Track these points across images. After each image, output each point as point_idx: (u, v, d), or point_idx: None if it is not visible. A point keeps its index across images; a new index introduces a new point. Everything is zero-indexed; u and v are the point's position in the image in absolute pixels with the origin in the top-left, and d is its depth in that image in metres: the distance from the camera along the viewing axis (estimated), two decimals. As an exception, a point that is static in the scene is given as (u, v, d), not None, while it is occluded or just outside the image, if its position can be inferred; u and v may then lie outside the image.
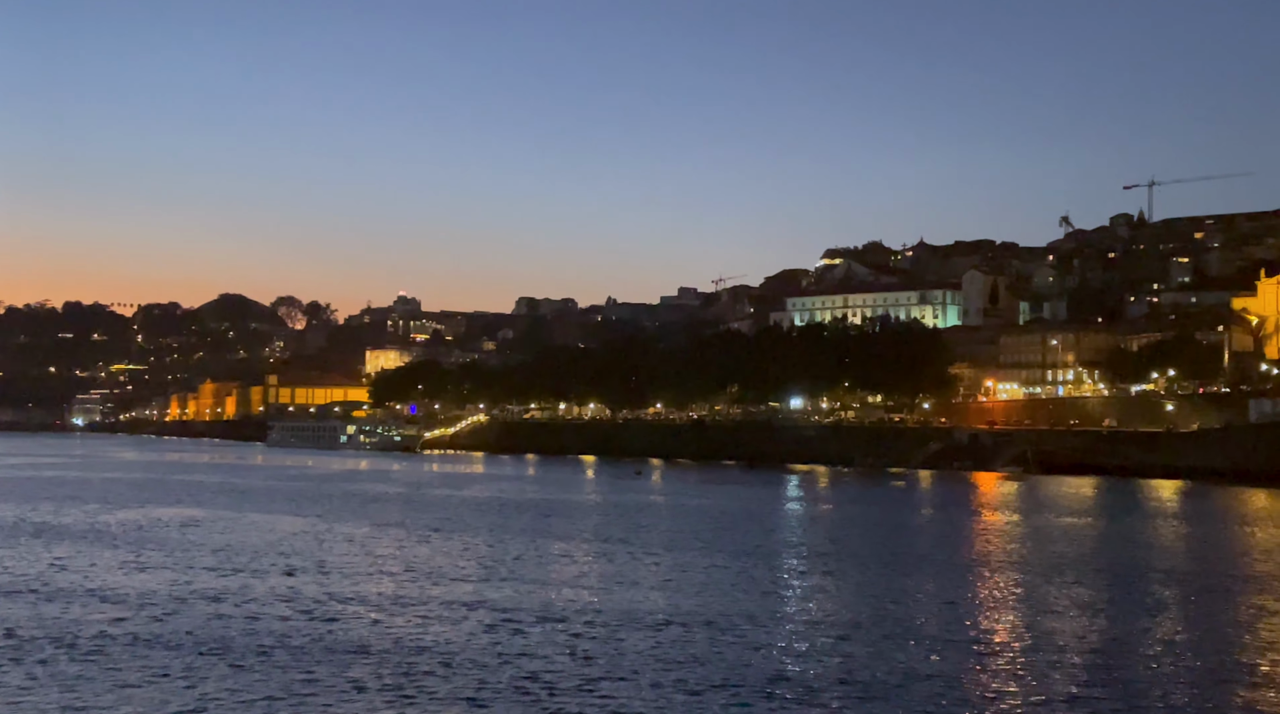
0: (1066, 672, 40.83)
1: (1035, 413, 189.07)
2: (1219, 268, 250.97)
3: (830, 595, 57.01)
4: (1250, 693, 38.32)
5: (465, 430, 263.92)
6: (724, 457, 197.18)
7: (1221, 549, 76.98)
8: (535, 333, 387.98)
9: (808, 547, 76.96)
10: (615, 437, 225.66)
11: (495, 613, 50.91)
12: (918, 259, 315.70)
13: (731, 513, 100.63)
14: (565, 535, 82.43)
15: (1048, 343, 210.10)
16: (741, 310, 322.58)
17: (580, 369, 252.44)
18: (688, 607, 52.84)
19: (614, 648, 43.95)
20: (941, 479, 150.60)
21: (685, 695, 37.26)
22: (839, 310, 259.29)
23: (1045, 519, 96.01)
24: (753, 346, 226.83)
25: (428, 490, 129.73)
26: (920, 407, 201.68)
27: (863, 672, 40.52)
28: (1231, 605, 54.88)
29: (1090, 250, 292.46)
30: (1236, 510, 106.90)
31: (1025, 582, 61.48)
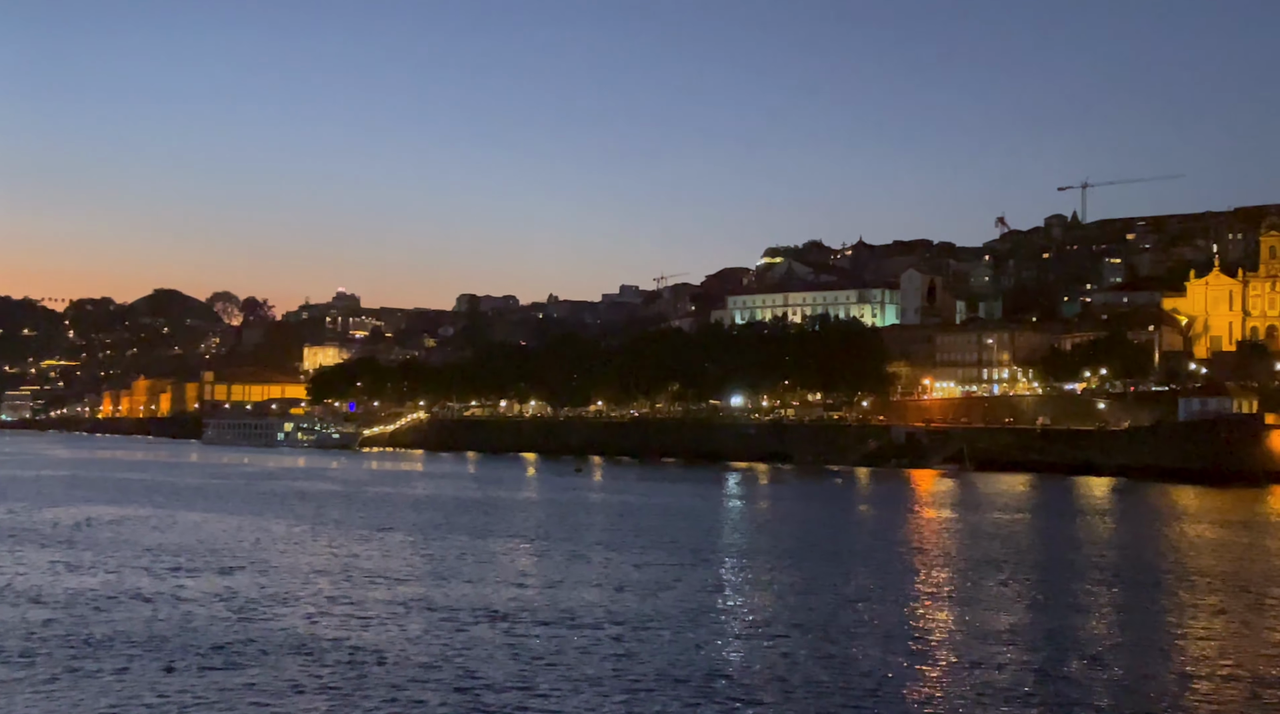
0: (1002, 667, 41.43)
1: (971, 411, 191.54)
2: (1150, 268, 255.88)
3: (770, 592, 57.37)
4: (1181, 687, 39.14)
5: (405, 428, 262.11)
6: (665, 454, 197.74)
7: (1152, 546, 78.50)
8: (476, 330, 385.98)
9: (748, 544, 77.38)
10: (556, 434, 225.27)
11: (435, 612, 50.64)
12: (857, 258, 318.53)
13: (672, 510, 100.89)
14: (506, 533, 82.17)
15: (983, 342, 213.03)
16: (682, 308, 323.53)
17: (521, 366, 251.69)
18: (628, 605, 52.91)
19: (554, 646, 43.91)
20: (879, 476, 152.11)
21: (626, 694, 37.32)
22: (779, 309, 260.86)
23: (980, 516, 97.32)
24: (693, 345, 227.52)
25: (366, 488, 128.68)
26: (859, 404, 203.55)
27: (802, 669, 40.83)
28: (1162, 601, 55.99)
29: (1025, 250, 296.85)
30: (1166, 507, 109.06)
31: (961, 578, 62.29)
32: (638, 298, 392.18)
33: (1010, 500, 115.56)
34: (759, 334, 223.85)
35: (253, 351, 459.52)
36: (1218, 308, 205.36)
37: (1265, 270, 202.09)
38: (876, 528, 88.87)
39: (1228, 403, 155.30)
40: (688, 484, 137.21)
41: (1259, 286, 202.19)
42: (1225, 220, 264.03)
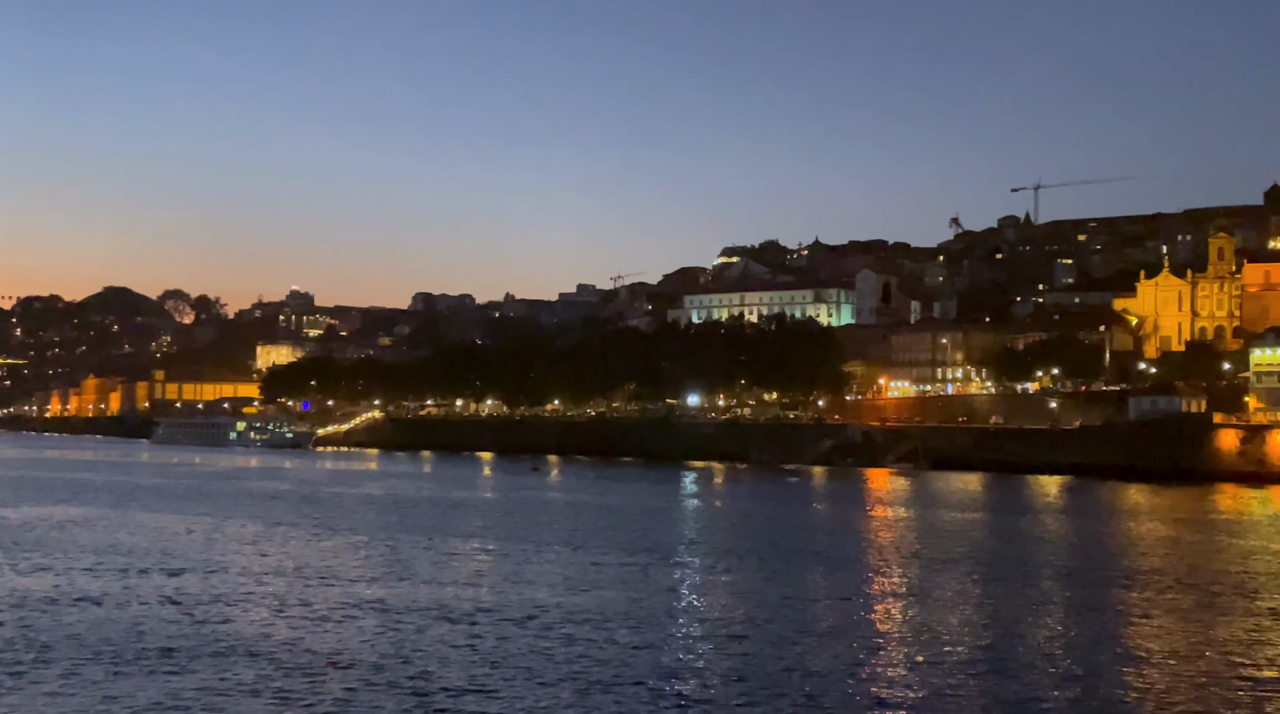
0: (957, 666, 41.69)
1: (925, 410, 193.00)
2: (1101, 269, 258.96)
3: (726, 592, 57.45)
4: (1133, 684, 39.57)
5: (360, 427, 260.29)
6: (622, 453, 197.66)
7: (1103, 544, 79.41)
8: (432, 329, 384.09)
9: (704, 543, 77.47)
10: (513, 433, 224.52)
11: (389, 613, 50.25)
12: (813, 258, 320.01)
13: (629, 509, 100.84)
14: (461, 533, 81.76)
15: (938, 342, 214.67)
16: (639, 308, 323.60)
17: (477, 365, 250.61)
18: (585, 604, 52.78)
19: (509, 647, 43.69)
20: (835, 475, 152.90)
21: (582, 695, 37.18)
22: (736, 308, 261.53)
23: (934, 515, 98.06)
24: (650, 344, 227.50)
25: (321, 488, 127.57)
26: (815, 404, 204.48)
27: (758, 669, 40.88)
28: (1114, 599, 56.62)
29: (979, 251, 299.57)
30: (1117, 505, 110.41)
31: (916, 576, 62.69)
32: (595, 297, 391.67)
33: (964, 499, 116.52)
34: (716, 333, 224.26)
35: (205, 350, 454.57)
36: (1167, 308, 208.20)
37: (1213, 271, 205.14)
38: (832, 527, 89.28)
39: (1177, 402, 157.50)
40: (644, 483, 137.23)
41: (1207, 287, 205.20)
42: (1175, 222, 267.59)
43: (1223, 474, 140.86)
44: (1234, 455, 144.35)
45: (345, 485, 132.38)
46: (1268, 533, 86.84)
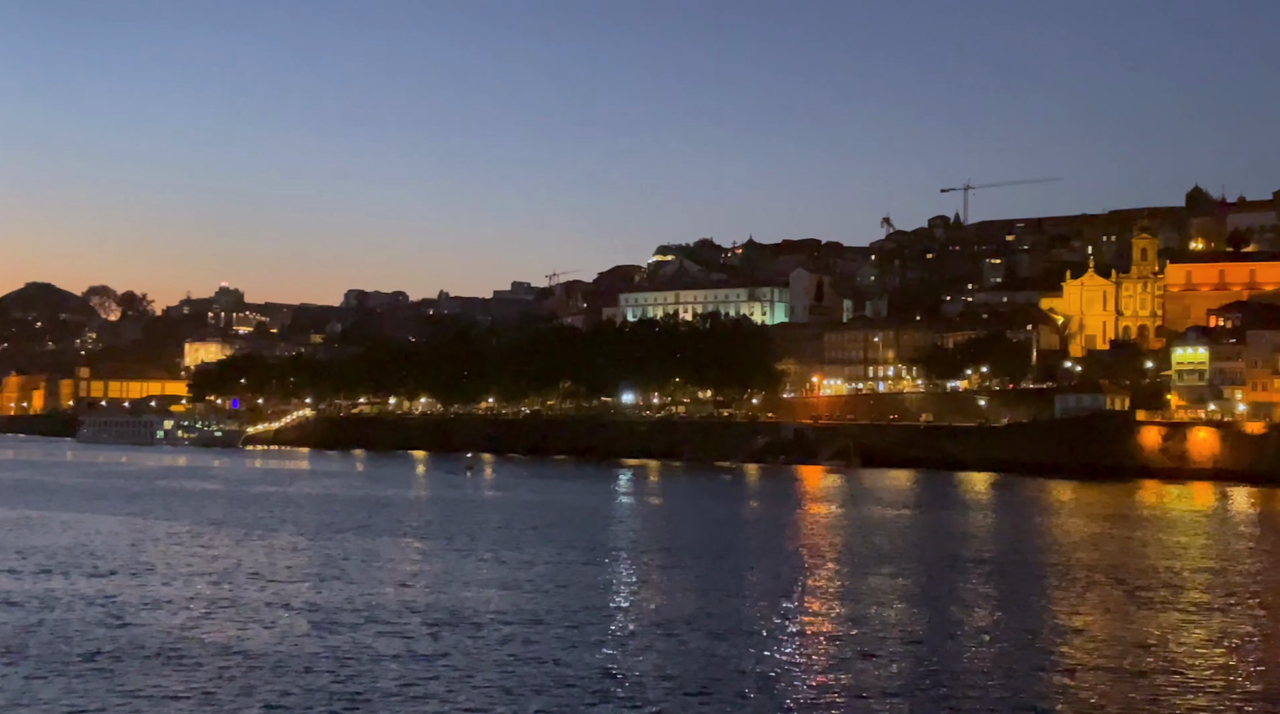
0: (888, 661, 42.18)
1: (858, 408, 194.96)
2: (1028, 269, 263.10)
3: (659, 590, 57.60)
4: (1060, 678, 40.30)
5: (291, 425, 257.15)
6: (556, 451, 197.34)
7: (1031, 539, 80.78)
8: (365, 326, 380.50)
9: (638, 541, 77.60)
10: (447, 432, 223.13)
11: (319, 614, 49.72)
12: (747, 257, 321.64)
13: (563, 507, 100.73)
14: (393, 533, 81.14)
15: (870, 340, 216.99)
16: (575, 305, 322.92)
17: (411, 363, 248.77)
18: (519, 604, 52.64)
19: (441, 648, 43.44)
20: (768, 472, 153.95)
21: (514, 696, 37.06)
22: (671, 306, 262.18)
23: (866, 511, 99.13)
24: (586, 342, 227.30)
25: (250, 487, 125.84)
26: (749, 401, 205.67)
27: (692, 668, 41.03)
28: (1042, 594, 57.63)
29: (910, 251, 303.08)
30: (1043, 501, 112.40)
31: (848, 573, 63.34)
32: (530, 295, 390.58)
33: (895, 495, 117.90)
34: (651, 332, 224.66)
35: (131, 348, 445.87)
36: (1092, 308, 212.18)
37: (1137, 272, 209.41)
38: (765, 524, 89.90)
39: (1101, 400, 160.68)
40: (579, 481, 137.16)
41: (1131, 287, 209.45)
42: (1099, 223, 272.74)
43: (1145, 470, 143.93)
44: (1156, 452, 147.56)
45: (276, 484, 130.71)
46: (1189, 528, 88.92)
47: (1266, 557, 72.21)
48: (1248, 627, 49.47)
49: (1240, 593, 58.08)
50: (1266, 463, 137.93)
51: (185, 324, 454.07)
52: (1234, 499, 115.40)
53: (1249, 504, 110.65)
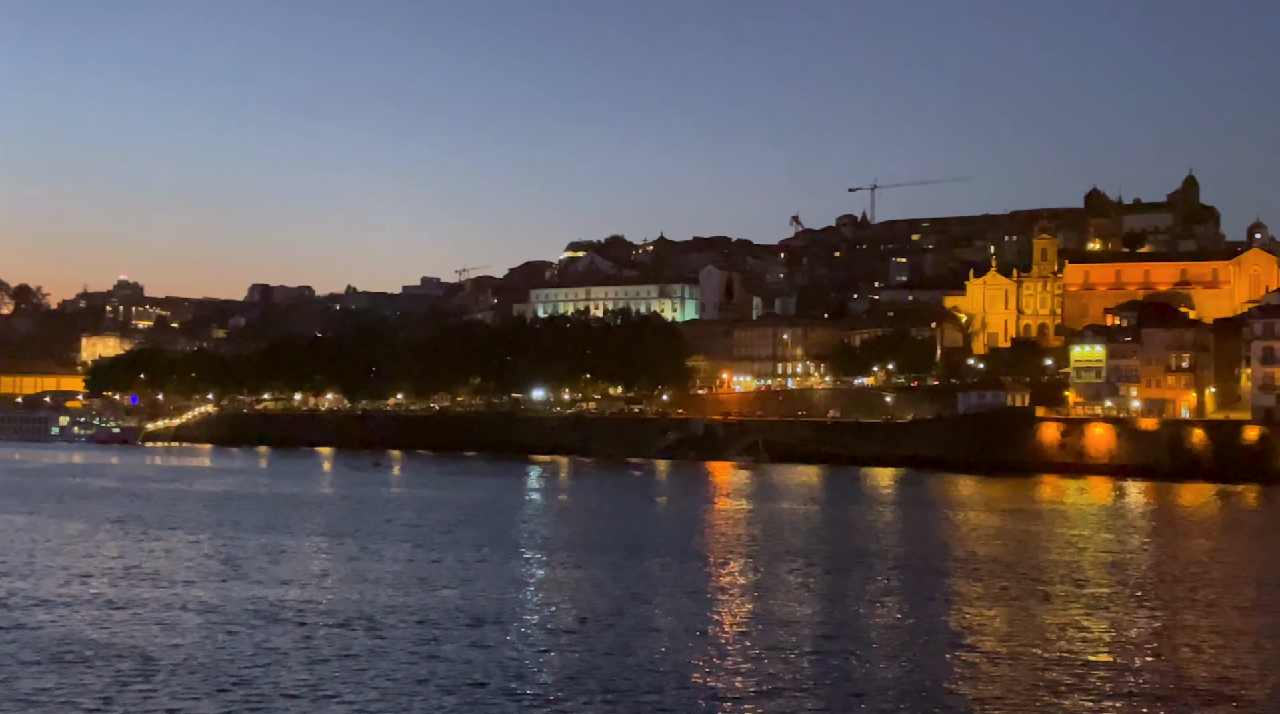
0: (793, 656, 42.54)
1: (766, 404, 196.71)
2: (933, 268, 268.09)
3: (570, 587, 57.46)
4: (963, 670, 41.03)
5: (192, 422, 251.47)
6: (466, 448, 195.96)
7: (934, 534, 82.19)
8: (269, 321, 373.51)
9: (548, 538, 77.36)
10: (353, 428, 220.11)
11: (220, 614, 48.68)
12: (658, 254, 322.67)
13: (472, 505, 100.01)
14: (298, 531, 79.81)
15: (778, 337, 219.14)
16: (485, 301, 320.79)
17: (317, 359, 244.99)
18: (426, 603, 52.09)
19: (346, 648, 42.79)
20: (678, 469, 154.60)
21: (420, 697, 36.64)
22: (581, 303, 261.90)
23: (774, 507, 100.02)
24: (496, 337, 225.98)
25: (149, 485, 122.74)
26: (659, 398, 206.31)
27: (599, 667, 40.96)
28: (945, 587, 58.65)
29: (818, 249, 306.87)
30: (947, 496, 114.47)
31: (756, 569, 63.82)
32: (439, 290, 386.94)
33: (802, 491, 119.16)
34: (561, 328, 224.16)
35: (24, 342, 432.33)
36: (994, 306, 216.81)
37: (1037, 271, 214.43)
38: (675, 520, 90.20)
39: (1002, 397, 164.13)
40: (488, 478, 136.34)
41: (1032, 286, 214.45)
42: (1002, 223, 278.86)
43: (1045, 465, 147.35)
44: (1055, 447, 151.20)
45: (176, 482, 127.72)
46: (1087, 522, 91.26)
47: (1161, 550, 74.41)
48: (1143, 618, 50.90)
49: (1136, 585, 59.74)
50: (1160, 458, 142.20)
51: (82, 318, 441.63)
52: (1129, 494, 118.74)
53: (1143, 498, 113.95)
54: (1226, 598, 56.11)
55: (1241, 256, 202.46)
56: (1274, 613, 52.33)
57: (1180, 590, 58.07)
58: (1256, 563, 68.37)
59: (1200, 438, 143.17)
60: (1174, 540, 79.26)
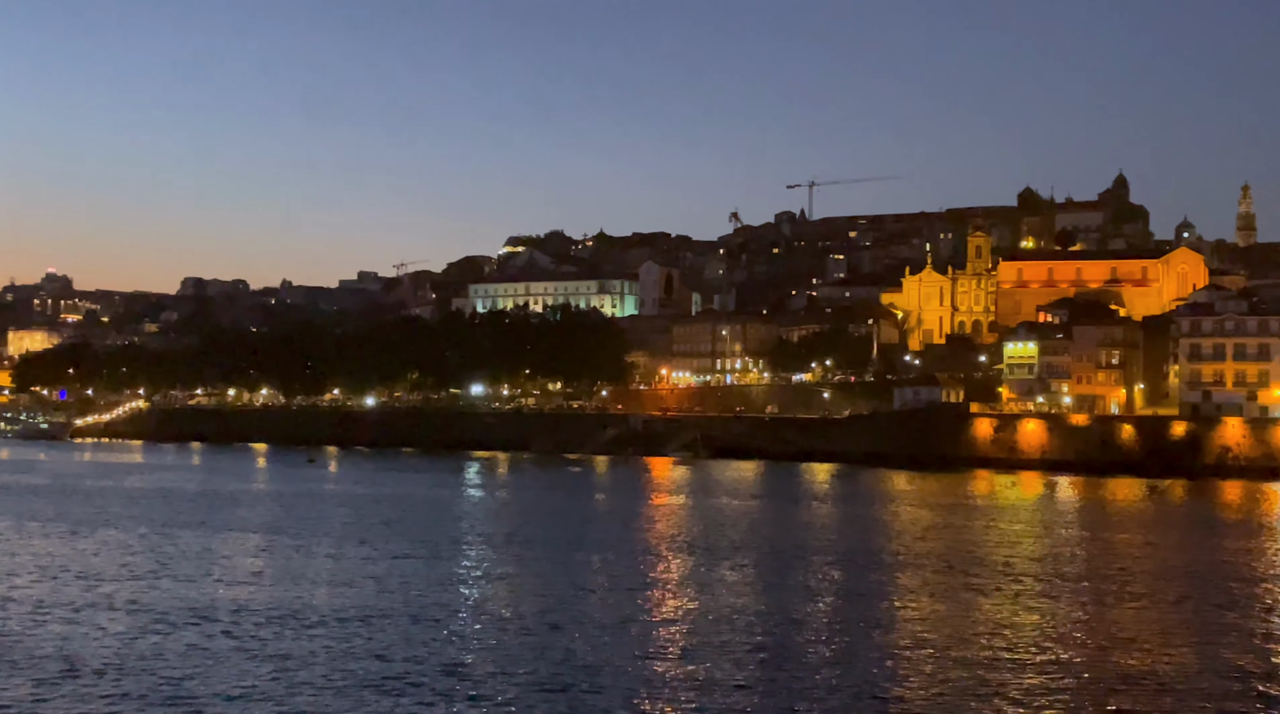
0: (736, 653, 42.72)
1: (705, 400, 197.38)
2: (870, 265, 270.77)
3: (506, 585, 57.25)
4: (902, 664, 41.45)
5: (123, 418, 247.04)
6: (403, 444, 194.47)
7: (870, 529, 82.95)
8: (203, 315, 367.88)
9: (485, 535, 77.02)
10: (289, 424, 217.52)
11: (151, 614, 47.87)
12: (597, 250, 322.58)
13: (409, 501, 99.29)
14: (232, 528, 78.73)
15: (717, 333, 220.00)
16: (423, 296, 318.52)
17: (252, 354, 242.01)
18: (362, 601, 51.63)
19: (279, 648, 42.27)
20: (617, 464, 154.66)
21: (354, 696, 36.30)
22: (521, 298, 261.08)
23: (713, 502, 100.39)
24: (434, 333, 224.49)
25: (79, 482, 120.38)
26: (598, 394, 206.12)
27: (536, 663, 40.85)
28: (881, 582, 59.21)
29: (757, 245, 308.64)
30: (883, 491, 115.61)
31: (693, 564, 64.01)
32: (377, 285, 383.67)
33: (741, 487, 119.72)
34: (500, 323, 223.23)
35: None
36: (930, 303, 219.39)
37: (972, 268, 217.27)
38: (614, 516, 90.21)
39: (937, 393, 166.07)
40: (426, 474, 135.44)
41: (966, 283, 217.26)
42: (937, 221, 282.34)
43: (979, 460, 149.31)
44: (989, 443, 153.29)
45: (106, 478, 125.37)
46: (1020, 516, 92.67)
47: (1092, 544, 75.73)
48: (1075, 610, 51.77)
49: (1069, 579, 60.76)
50: (1090, 453, 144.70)
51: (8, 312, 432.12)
52: (1060, 488, 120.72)
53: (1074, 493, 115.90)
54: (1157, 591, 57.25)
55: (1170, 255, 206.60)
56: (1203, 605, 53.49)
57: (1112, 583, 59.15)
58: (1185, 556, 69.83)
59: (1129, 433, 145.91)
60: (1105, 534, 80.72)
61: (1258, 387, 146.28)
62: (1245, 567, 65.61)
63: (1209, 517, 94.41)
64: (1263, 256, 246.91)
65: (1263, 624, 49.41)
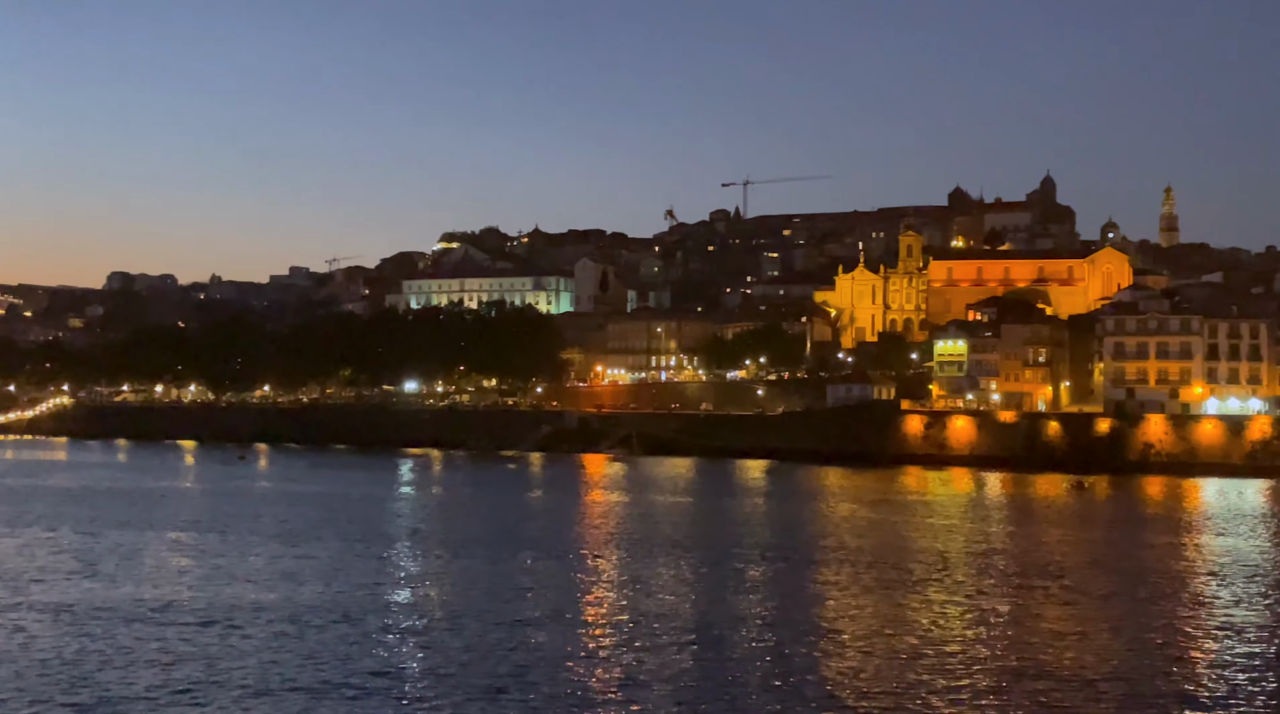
0: (670, 649, 42.88)
1: (641, 397, 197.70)
2: (804, 263, 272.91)
3: (439, 583, 56.97)
4: (833, 659, 41.90)
5: (47, 414, 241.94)
6: (336, 441, 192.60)
7: (803, 525, 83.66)
8: (129, 310, 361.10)
9: (419, 532, 76.57)
10: (218, 421, 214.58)
11: (74, 614, 46.95)
12: (533, 246, 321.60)
13: (342, 499, 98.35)
14: (158, 527, 77.45)
15: (653, 330, 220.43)
16: (356, 292, 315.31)
17: (180, 350, 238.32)
18: (292, 600, 51.08)
19: (205, 648, 41.68)
20: (552, 461, 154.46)
21: (281, 698, 35.93)
22: (455, 294, 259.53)
23: (648, 499, 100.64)
24: (367, 329, 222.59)
25: (0, 480, 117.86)
26: (533, 391, 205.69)
27: (467, 662, 40.70)
28: (813, 577, 59.77)
29: (692, 243, 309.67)
30: (816, 488, 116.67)
31: (627, 561, 64.16)
32: (309, 280, 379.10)
33: (675, 483, 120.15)
34: (434, 319, 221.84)
35: None
36: (862, 301, 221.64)
37: (903, 267, 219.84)
38: (548, 513, 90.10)
39: (869, 390, 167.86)
40: (359, 472, 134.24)
41: (898, 282, 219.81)
42: (870, 220, 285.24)
43: (909, 457, 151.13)
44: (919, 439, 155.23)
45: (27, 476, 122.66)
46: (949, 512, 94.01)
47: (1019, 539, 77.05)
48: (1004, 605, 52.65)
49: (997, 574, 61.77)
50: (1017, 449, 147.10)
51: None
52: (988, 484, 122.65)
53: (1001, 489, 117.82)
54: (1084, 585, 58.39)
55: (1095, 255, 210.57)
56: (1127, 599, 54.67)
57: (1040, 578, 60.21)
58: (1111, 551, 71.27)
59: (1055, 430, 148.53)
60: (1032, 530, 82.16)
61: (1179, 384, 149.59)
62: (1169, 561, 67.17)
63: (1133, 512, 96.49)
64: (1185, 257, 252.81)
65: (1187, 617, 50.64)
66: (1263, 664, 41.94)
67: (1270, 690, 38.44)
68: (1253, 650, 44.19)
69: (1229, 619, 50.09)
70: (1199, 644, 45.33)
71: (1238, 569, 63.84)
